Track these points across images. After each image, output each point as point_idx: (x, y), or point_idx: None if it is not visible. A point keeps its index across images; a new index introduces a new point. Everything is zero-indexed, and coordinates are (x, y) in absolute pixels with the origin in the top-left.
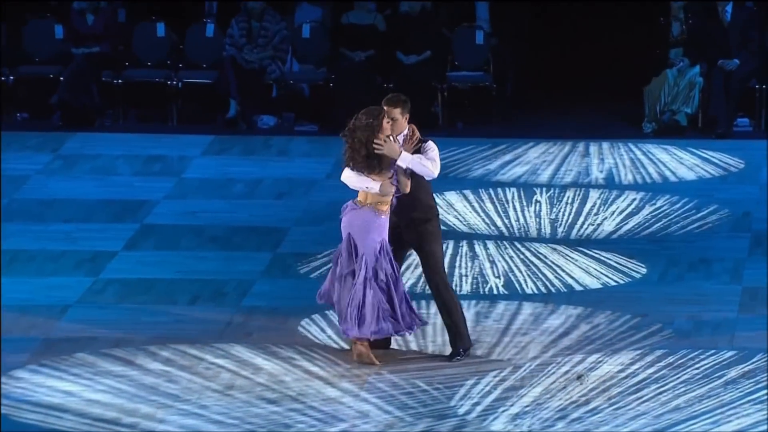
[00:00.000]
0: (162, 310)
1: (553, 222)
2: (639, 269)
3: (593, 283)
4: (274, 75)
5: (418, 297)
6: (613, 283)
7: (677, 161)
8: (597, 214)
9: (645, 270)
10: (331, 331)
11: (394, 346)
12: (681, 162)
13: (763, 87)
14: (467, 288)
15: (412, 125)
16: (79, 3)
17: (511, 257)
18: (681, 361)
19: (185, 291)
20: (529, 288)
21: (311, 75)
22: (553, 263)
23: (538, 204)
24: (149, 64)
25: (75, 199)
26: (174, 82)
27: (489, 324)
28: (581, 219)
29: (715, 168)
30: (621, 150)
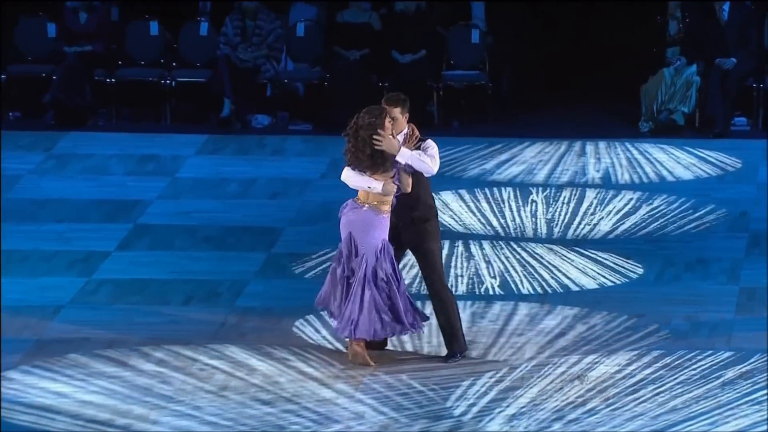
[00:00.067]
0: (155, 310)
1: (550, 222)
2: (636, 269)
3: (590, 284)
4: (268, 74)
5: (414, 298)
6: (610, 284)
7: (674, 161)
8: (593, 213)
9: (642, 270)
10: (326, 332)
11: (389, 346)
12: (678, 161)
13: (761, 86)
14: (463, 288)
15: (411, 124)
16: (72, 2)
17: (507, 257)
18: (678, 362)
19: (179, 291)
20: (525, 288)
21: (306, 74)
22: (550, 263)
23: (534, 204)
24: (143, 63)
25: (68, 199)
26: (167, 81)
27: (485, 324)
28: (578, 219)
29: (713, 167)
30: (618, 149)
